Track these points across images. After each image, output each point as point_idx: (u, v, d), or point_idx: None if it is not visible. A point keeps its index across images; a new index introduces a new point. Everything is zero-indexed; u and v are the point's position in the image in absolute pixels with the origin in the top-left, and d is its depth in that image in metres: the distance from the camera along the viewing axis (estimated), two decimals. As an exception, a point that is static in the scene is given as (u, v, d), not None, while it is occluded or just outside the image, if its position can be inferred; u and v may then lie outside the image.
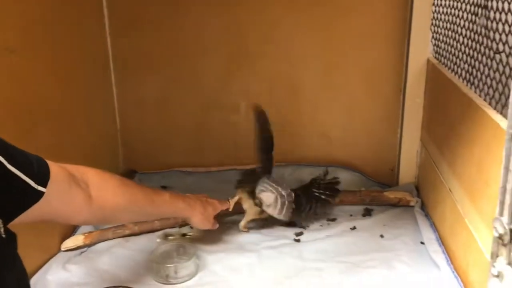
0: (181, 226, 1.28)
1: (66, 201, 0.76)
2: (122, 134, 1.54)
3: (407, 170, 1.41)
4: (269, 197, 1.19)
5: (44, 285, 1.05)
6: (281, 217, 1.21)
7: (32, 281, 1.05)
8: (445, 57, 1.20)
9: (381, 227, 1.24)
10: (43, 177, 0.69)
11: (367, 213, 1.31)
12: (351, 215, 1.31)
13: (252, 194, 1.20)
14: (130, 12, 1.44)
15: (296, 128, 1.48)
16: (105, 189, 0.85)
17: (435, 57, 1.29)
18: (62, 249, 1.18)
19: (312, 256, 1.14)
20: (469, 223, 0.93)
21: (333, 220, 1.29)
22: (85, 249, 1.19)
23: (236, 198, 1.22)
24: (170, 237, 1.25)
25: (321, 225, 1.27)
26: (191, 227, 1.28)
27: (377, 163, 1.46)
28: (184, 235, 1.26)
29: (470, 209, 0.92)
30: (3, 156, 0.63)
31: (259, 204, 1.20)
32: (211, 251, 1.17)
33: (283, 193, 1.20)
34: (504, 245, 0.51)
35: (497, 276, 0.52)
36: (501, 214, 0.51)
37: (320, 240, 1.20)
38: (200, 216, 1.09)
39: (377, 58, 1.39)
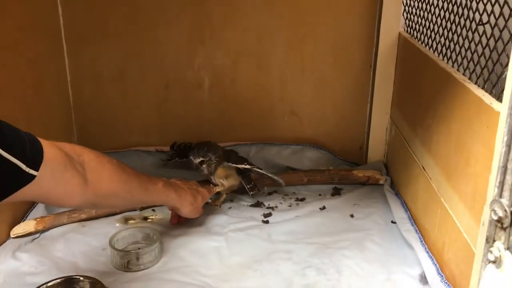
0: (142, 209, 1.21)
1: (59, 184, 0.71)
2: (76, 111, 1.43)
3: (376, 148, 1.38)
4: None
5: (-9, 276, 0.96)
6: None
7: (-23, 272, 0.96)
8: (418, 31, 1.17)
9: (351, 207, 1.21)
10: (35, 159, 0.63)
11: (336, 192, 1.28)
12: (319, 195, 1.28)
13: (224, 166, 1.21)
14: (83, -23, 1.32)
15: (262, 105, 1.42)
16: (101, 174, 0.81)
17: (407, 31, 1.25)
18: (12, 236, 1.08)
19: (281, 238, 1.09)
20: (445, 202, 0.91)
21: (302, 200, 1.25)
22: (37, 235, 1.11)
23: (219, 180, 1.21)
24: (131, 221, 1.18)
25: (290, 205, 1.23)
26: (153, 210, 1.22)
27: (345, 141, 1.42)
28: (145, 218, 1.19)
29: (447, 188, 0.89)
30: None
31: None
32: (175, 234, 1.11)
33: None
34: (504, 228, 0.47)
35: (494, 261, 0.48)
36: (500, 195, 0.47)
37: (289, 221, 1.15)
38: (190, 207, 1.07)
39: (347, 32, 1.34)
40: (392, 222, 1.14)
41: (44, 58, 1.28)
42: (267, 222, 1.15)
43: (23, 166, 0.61)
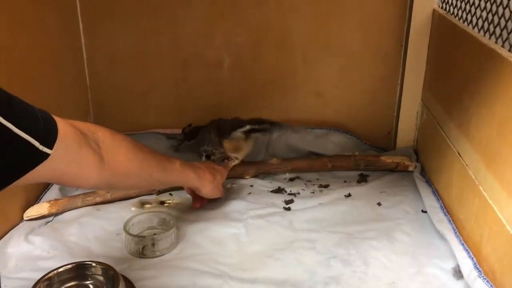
0: (158, 193, 1.16)
1: (75, 164, 0.67)
2: (92, 91, 1.39)
3: (406, 132, 1.30)
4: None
5: (4, 258, 0.93)
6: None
7: (-11, 255, 0.93)
8: (455, 6, 1.08)
9: (378, 194, 1.14)
10: (49, 137, 0.60)
11: (363, 179, 1.21)
12: (345, 181, 1.21)
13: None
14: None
15: (285, 86, 1.35)
16: (117, 153, 0.77)
17: (442, 7, 1.16)
18: (25, 218, 1.05)
19: (304, 226, 1.03)
20: (484, 191, 0.83)
21: (326, 186, 1.19)
22: (51, 218, 1.07)
23: (231, 155, 1.17)
24: (147, 205, 1.13)
25: (313, 192, 1.16)
26: (170, 194, 1.17)
27: (373, 125, 1.34)
28: (162, 202, 1.14)
29: (487, 175, 0.82)
30: (7, 117, 0.53)
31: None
32: (192, 220, 1.06)
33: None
34: None
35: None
36: None
37: (312, 209, 1.09)
38: (210, 186, 1.02)
39: (376, 9, 1.25)
40: (423, 211, 1.07)
41: (59, 35, 1.23)
42: (288, 209, 1.09)
43: (37, 144, 0.57)
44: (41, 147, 0.58)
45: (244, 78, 1.35)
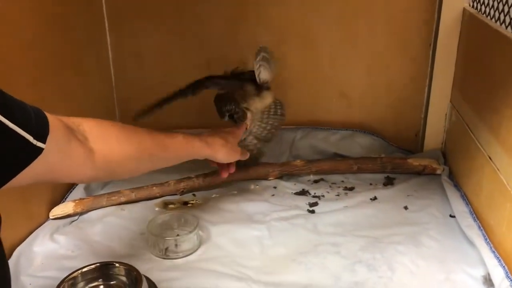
0: (182, 193, 1.16)
1: (66, 157, 0.66)
2: (117, 89, 1.40)
3: (433, 135, 1.27)
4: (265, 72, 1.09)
5: (30, 257, 0.94)
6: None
7: (17, 252, 0.95)
8: (487, 5, 1.04)
9: (405, 198, 1.12)
10: (42, 132, 0.59)
11: (389, 182, 1.19)
12: (370, 184, 1.19)
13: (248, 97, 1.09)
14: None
15: (309, 86, 1.33)
16: (107, 139, 0.75)
17: (473, 6, 1.13)
18: (50, 217, 1.06)
19: (329, 230, 1.02)
20: (516, 196, 0.80)
21: (351, 189, 1.17)
22: (75, 217, 1.09)
23: (247, 115, 1.09)
24: (170, 206, 1.13)
25: (338, 195, 1.14)
26: (194, 194, 1.17)
27: (399, 127, 1.31)
28: (185, 203, 1.14)
29: (520, 180, 0.79)
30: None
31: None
32: (215, 222, 1.05)
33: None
34: None
35: None
36: None
37: (337, 212, 1.07)
38: (223, 149, 0.97)
39: (404, 8, 1.22)
40: (451, 216, 1.04)
41: (85, 34, 1.24)
42: (312, 211, 1.08)
43: (31, 139, 0.56)
44: (34, 142, 0.57)
45: (267, 78, 1.33)
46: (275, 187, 1.19)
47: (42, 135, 0.59)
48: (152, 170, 0.87)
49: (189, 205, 1.14)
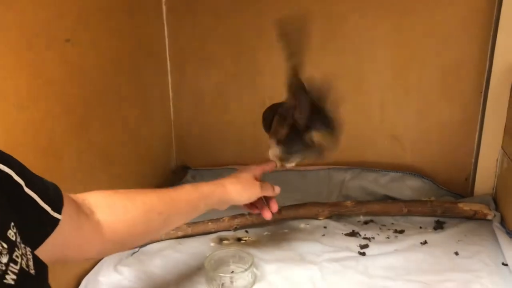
0: (235, 229, 1.21)
1: (77, 230, 0.67)
2: (175, 127, 1.49)
3: (484, 180, 1.28)
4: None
5: (96, 286, 1.00)
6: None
7: (85, 281, 1.02)
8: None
9: (455, 243, 1.12)
10: (58, 204, 0.62)
11: (439, 226, 1.20)
12: (420, 227, 1.20)
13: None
14: (189, 0, 1.37)
15: (360, 128, 1.37)
16: (113, 208, 0.74)
17: (526, 56, 1.15)
18: (114, 249, 1.13)
19: (379, 273, 1.03)
20: None
21: (401, 232, 1.18)
22: (136, 249, 1.15)
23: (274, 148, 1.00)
24: (225, 241, 1.18)
25: (388, 237, 1.16)
26: (246, 231, 1.21)
27: (450, 171, 1.33)
28: (239, 239, 1.19)
29: None
30: (22, 178, 0.56)
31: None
32: (268, 259, 1.09)
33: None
34: None
35: None
36: None
37: (387, 255, 1.09)
38: (236, 186, 0.90)
39: (456, 57, 1.26)
40: (503, 264, 1.04)
41: (149, 75, 1.34)
42: (363, 254, 1.10)
43: (49, 209, 0.59)
44: (52, 213, 0.60)
45: (319, 119, 1.39)
46: (325, 227, 1.22)
47: (58, 207, 0.61)
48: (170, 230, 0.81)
49: (242, 241, 1.18)
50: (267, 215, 0.99)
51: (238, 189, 0.90)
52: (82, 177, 1.03)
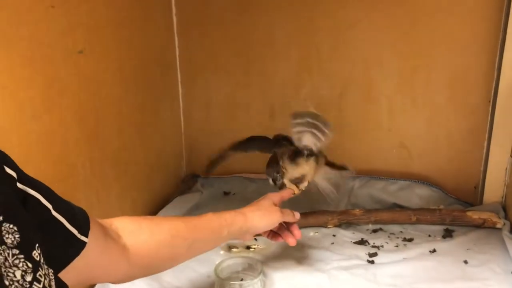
0: (245, 237, 1.22)
1: (104, 254, 0.68)
2: (186, 136, 1.51)
3: (493, 188, 1.28)
4: (307, 138, 1.05)
5: (107, 294, 1.02)
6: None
7: (96, 288, 1.03)
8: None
9: (464, 252, 1.12)
10: (85, 227, 0.64)
11: (448, 234, 1.20)
12: (429, 236, 1.20)
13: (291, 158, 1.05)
14: (199, 12, 1.40)
15: (369, 137, 1.38)
16: (140, 233, 0.75)
17: (534, 65, 1.15)
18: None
19: (388, 281, 1.04)
20: None
21: (410, 240, 1.19)
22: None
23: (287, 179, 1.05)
24: (234, 249, 1.19)
25: (397, 246, 1.17)
26: (255, 239, 1.22)
27: (458, 179, 1.33)
28: (248, 247, 1.20)
29: None
30: (49, 202, 0.58)
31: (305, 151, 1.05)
32: (277, 267, 1.10)
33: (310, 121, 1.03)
34: None
35: None
36: None
37: (396, 263, 1.09)
38: (257, 213, 0.92)
39: (464, 65, 1.26)
40: (513, 272, 1.04)
41: (160, 87, 1.36)
42: (372, 262, 1.10)
43: (76, 232, 0.61)
44: (79, 236, 0.61)
45: (328, 128, 1.40)
46: (334, 235, 1.22)
47: (85, 230, 0.63)
48: (194, 257, 0.84)
49: (251, 249, 1.19)
50: (292, 242, 1.00)
51: (259, 216, 0.92)
52: (94, 186, 1.05)
